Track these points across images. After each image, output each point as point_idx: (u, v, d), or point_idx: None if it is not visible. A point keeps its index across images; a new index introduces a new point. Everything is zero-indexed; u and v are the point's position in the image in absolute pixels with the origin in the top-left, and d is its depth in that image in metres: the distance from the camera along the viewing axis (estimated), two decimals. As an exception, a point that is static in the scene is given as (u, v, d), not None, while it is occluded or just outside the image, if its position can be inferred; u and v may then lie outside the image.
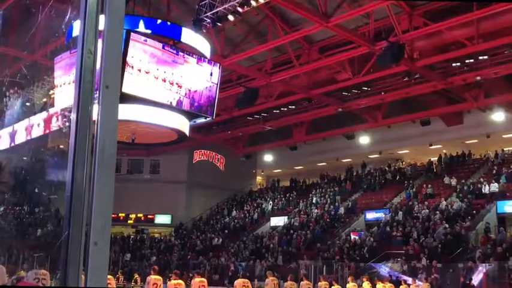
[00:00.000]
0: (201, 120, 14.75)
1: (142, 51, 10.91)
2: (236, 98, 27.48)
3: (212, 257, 32.41)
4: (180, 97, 11.68)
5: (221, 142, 39.00)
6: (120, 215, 39.59)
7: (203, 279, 14.91)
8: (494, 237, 23.14)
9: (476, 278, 20.78)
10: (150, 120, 14.29)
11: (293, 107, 31.92)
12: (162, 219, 41.89)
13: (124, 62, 10.44)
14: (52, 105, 16.66)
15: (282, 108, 32.23)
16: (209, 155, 36.44)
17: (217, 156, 37.74)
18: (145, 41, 11.13)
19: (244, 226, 37.18)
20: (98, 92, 1.88)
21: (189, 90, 11.98)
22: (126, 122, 13.69)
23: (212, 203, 42.54)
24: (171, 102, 11.91)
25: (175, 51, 11.77)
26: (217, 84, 13.16)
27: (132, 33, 10.82)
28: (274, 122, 33.95)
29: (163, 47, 11.39)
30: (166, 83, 11.33)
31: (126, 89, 10.91)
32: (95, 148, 1.79)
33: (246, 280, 15.21)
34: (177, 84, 11.60)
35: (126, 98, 11.14)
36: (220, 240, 35.48)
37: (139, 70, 10.99)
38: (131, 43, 10.66)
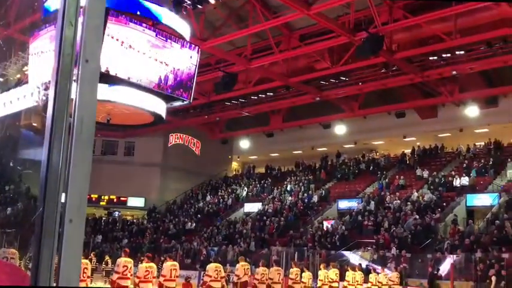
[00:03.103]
0: (178, 103, 14.64)
1: (140, 36, 12.10)
2: (214, 83, 27.30)
3: (185, 241, 32.42)
4: (166, 73, 12.60)
5: (198, 126, 38.80)
6: (92, 196, 39.17)
7: (175, 263, 14.89)
8: (463, 230, 23.63)
9: (444, 269, 21.23)
10: (128, 101, 14.12)
11: (271, 94, 31.89)
12: (135, 202, 41.63)
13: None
14: (26, 82, 16.32)
15: (260, 95, 32.16)
16: (185, 138, 36.04)
17: (193, 140, 37.39)
18: (136, 23, 11.95)
19: (218, 211, 37.22)
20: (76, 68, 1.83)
21: (174, 68, 12.85)
22: (103, 102, 13.51)
23: (186, 187, 42.42)
24: (158, 79, 12.81)
25: (165, 38, 12.78)
26: (196, 66, 13.15)
27: (118, 16, 11.21)
28: (252, 108, 33.90)
29: (156, 35, 12.29)
30: (157, 62, 12.44)
31: (118, 68, 11.58)
32: (73, 124, 1.75)
33: (218, 265, 15.25)
34: (165, 63, 12.48)
35: (105, 77, 11.27)
36: (194, 224, 35.47)
37: (138, 51, 12.06)
38: (131, 30, 11.64)
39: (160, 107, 14.63)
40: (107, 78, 11.66)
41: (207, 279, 14.87)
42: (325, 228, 28.35)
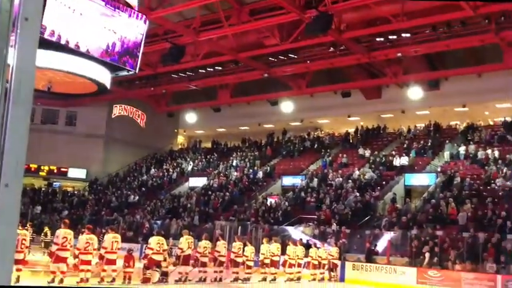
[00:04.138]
0: (124, 73, 14.35)
1: (90, 5, 12.45)
2: (161, 54, 26.75)
3: (127, 214, 32.04)
4: (114, 40, 12.74)
5: (143, 98, 38.09)
6: (31, 166, 37.95)
7: (116, 235, 14.72)
8: (400, 208, 24.49)
9: (381, 245, 22.00)
10: (70, 68, 13.69)
11: (219, 68, 31.63)
12: (77, 173, 40.64)
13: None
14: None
15: (208, 69, 31.84)
16: (130, 110, 35.46)
17: (138, 112, 36.83)
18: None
19: (162, 185, 36.92)
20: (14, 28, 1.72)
21: (121, 36, 12.87)
22: (44, 69, 13.03)
23: (130, 159, 41.77)
24: (106, 46, 12.84)
25: (113, 8, 12.92)
26: (143, 35, 12.97)
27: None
28: (199, 82, 33.54)
29: (105, 4, 12.68)
30: (106, 30, 12.71)
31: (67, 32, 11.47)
32: (10, 84, 1.65)
33: (161, 238, 15.17)
34: (113, 31, 12.64)
35: (54, 44, 11.19)
36: (137, 197, 35.07)
37: (88, 19, 12.37)
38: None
39: (104, 76, 14.26)
40: (55, 45, 11.64)
41: (149, 252, 14.78)
42: (268, 203, 28.70)
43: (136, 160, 42.21)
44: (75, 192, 39.35)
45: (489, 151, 27.08)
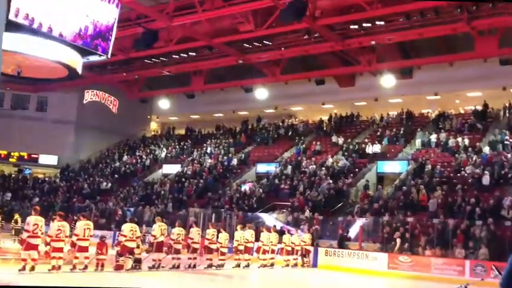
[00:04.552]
0: (95, 57, 14.10)
1: None
2: (134, 39, 26.33)
3: (99, 201, 31.71)
4: (86, 24, 12.68)
5: (115, 84, 37.51)
6: (1, 152, 37.17)
7: (89, 222, 14.54)
8: (372, 194, 24.79)
9: (353, 231, 22.26)
10: (39, 53, 13.37)
11: (193, 54, 31.29)
12: (48, 159, 39.99)
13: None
14: None
15: (182, 54, 31.46)
16: (101, 96, 34.76)
17: (110, 98, 36.17)
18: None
19: (135, 172, 36.60)
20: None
21: (93, 19, 12.81)
22: (13, 53, 12.72)
23: (102, 146, 41.27)
24: (79, 29, 12.79)
25: None
26: (115, 19, 12.78)
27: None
28: (173, 68, 33.18)
29: None
30: (78, 13, 12.72)
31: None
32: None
33: (134, 225, 15.05)
34: (85, 14, 12.56)
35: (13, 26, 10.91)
36: (109, 184, 34.70)
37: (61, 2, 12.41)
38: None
39: (75, 60, 13.97)
40: (26, 28, 11.50)
41: (121, 239, 14.67)
42: (243, 190, 28.72)
43: (108, 146, 41.72)
44: (46, 179, 38.71)
45: (459, 139, 27.54)
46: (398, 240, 20.15)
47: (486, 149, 25.91)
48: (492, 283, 6.81)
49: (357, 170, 28.23)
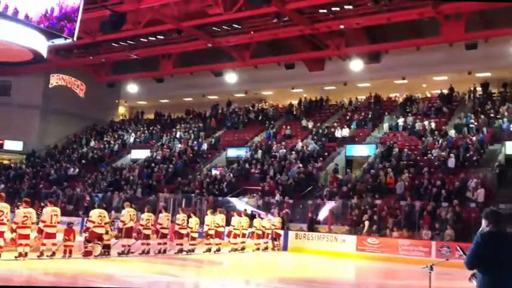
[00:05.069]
0: (61, 41, 13.79)
1: None
2: (101, 22, 25.76)
3: (67, 187, 31.21)
4: (52, 5, 12.40)
5: (82, 68, 36.76)
6: (-37, 138, 36.16)
7: (56, 208, 14.31)
8: (341, 178, 25.08)
9: (323, 214, 22.51)
10: (4, 36, 13.00)
11: (162, 37, 30.85)
12: (12, 145, 39.06)
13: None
14: None
15: (150, 38, 30.97)
16: (68, 80, 34.06)
17: (77, 82, 35.48)
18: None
19: (103, 157, 36.10)
20: None
21: (59, 1, 12.51)
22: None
23: (69, 131, 40.52)
24: (45, 10, 12.48)
25: None
26: (81, 0, 12.53)
27: None
28: (141, 51, 32.67)
29: None
30: None
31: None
32: None
33: (102, 211, 14.88)
34: None
35: None
36: (77, 170, 34.16)
37: None
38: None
39: (40, 43, 13.65)
40: None
41: (90, 225, 14.49)
42: (213, 175, 28.67)
43: (75, 132, 41.00)
44: (12, 165, 37.83)
45: (426, 123, 28.03)
46: (366, 223, 20.49)
47: (452, 132, 26.45)
48: (457, 264, 7.00)
49: (326, 153, 28.46)
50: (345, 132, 29.76)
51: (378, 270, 17.84)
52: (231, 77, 35.80)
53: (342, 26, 26.40)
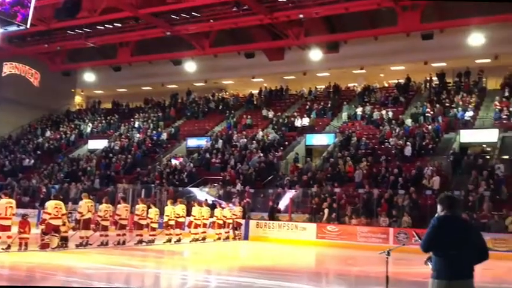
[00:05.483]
0: (13, 28, 13.31)
1: None
2: (55, 8, 25.03)
3: (22, 179, 30.39)
4: None
5: (37, 56, 35.68)
6: None
7: (11, 200, 13.97)
8: (302, 167, 25.30)
9: (283, 203, 22.68)
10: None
11: (119, 25, 30.22)
12: (-37, 136, 37.69)
13: None
14: None
15: (107, 25, 30.29)
16: (22, 69, 33.11)
17: (31, 71, 34.49)
18: None
19: (59, 148, 35.28)
20: None
21: None
22: None
23: (24, 121, 39.35)
24: None
25: None
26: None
27: None
28: (97, 39, 31.92)
29: None
30: None
31: None
32: None
33: (59, 202, 14.56)
34: None
35: None
36: (32, 161, 33.29)
37: None
38: None
39: (-9, 30, 13.17)
40: None
41: (46, 216, 14.17)
42: (173, 165, 28.43)
43: (30, 122, 39.86)
44: (-37, 156, 36.53)
45: (383, 112, 28.53)
46: (326, 211, 20.77)
47: (408, 121, 27.01)
48: (414, 249, 7.17)
49: (286, 143, 28.64)
50: (305, 121, 29.99)
51: (337, 257, 18.13)
52: (190, 66, 35.44)
53: (301, 16, 26.47)
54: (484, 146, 24.35)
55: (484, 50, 27.82)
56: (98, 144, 34.50)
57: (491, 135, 24.30)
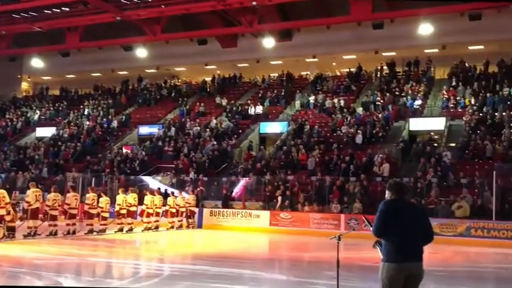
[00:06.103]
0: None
1: None
2: (-1, -10, 24.03)
3: (-36, 168, 29.18)
4: None
5: (-21, 40, 34.18)
6: None
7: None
8: (255, 155, 25.36)
9: (237, 190, 22.70)
10: None
11: (67, 9, 29.28)
12: None
13: None
14: None
15: (54, 9, 29.30)
16: (-37, 53, 31.66)
17: (-26, 55, 33.07)
18: None
19: (5, 135, 34.06)
20: None
21: None
22: None
23: (-34, 108, 37.74)
24: None
25: None
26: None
27: None
28: (44, 24, 30.85)
29: None
30: None
31: None
32: None
33: (2, 191, 14.04)
34: None
35: None
36: (-25, 149, 31.98)
37: None
38: None
39: None
40: None
41: (-11, 207, 13.62)
42: (124, 153, 27.92)
43: (-27, 109, 38.27)
44: None
45: (335, 100, 28.90)
46: (279, 198, 20.92)
47: (359, 110, 27.47)
48: (365, 235, 7.30)
49: (240, 131, 28.61)
50: (258, 109, 30.03)
51: (290, 244, 18.32)
52: (141, 52, 34.69)
53: (254, 3, 26.39)
54: (432, 133, 25.04)
55: (432, 40, 28.52)
56: (46, 132, 33.49)
57: (438, 124, 25.04)
